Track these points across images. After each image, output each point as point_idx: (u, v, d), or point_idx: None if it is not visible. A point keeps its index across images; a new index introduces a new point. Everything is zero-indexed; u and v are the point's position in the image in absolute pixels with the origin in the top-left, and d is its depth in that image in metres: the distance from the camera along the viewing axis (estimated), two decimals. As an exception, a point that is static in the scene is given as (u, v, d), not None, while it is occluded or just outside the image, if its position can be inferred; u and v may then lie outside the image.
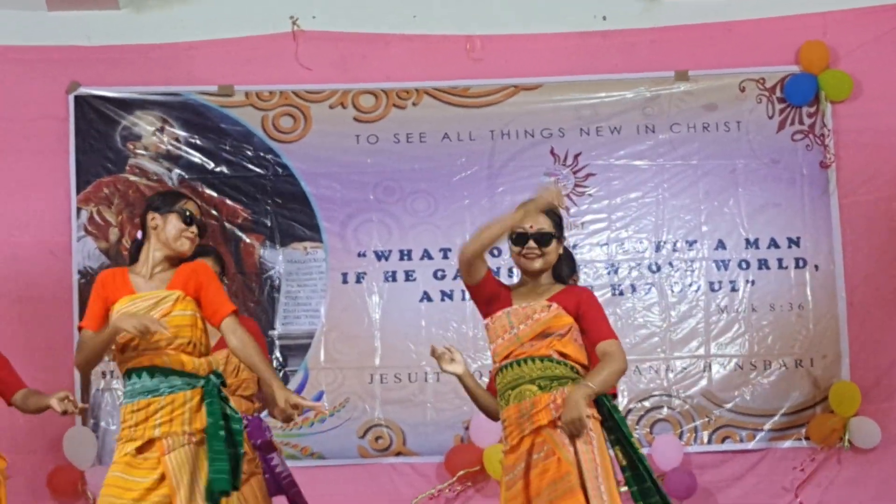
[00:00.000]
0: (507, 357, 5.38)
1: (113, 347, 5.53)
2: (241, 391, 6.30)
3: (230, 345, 5.48)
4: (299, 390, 8.04)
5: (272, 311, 8.21)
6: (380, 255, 8.27)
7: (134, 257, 5.61)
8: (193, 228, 5.57)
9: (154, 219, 5.51)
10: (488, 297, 5.50)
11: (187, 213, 5.48)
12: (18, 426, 7.73)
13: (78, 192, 8.25)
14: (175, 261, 5.57)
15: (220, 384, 5.52)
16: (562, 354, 5.34)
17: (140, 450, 5.45)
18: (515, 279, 5.71)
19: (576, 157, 8.27)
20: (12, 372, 6.36)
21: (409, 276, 8.24)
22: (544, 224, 5.44)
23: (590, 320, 5.45)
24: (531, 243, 5.45)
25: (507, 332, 5.48)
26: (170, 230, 5.52)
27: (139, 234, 5.59)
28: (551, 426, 5.28)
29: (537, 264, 5.46)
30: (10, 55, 8.29)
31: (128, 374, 5.49)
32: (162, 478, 5.39)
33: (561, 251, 5.57)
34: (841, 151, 8.25)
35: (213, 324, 5.54)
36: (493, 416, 5.65)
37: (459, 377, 5.66)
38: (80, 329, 5.54)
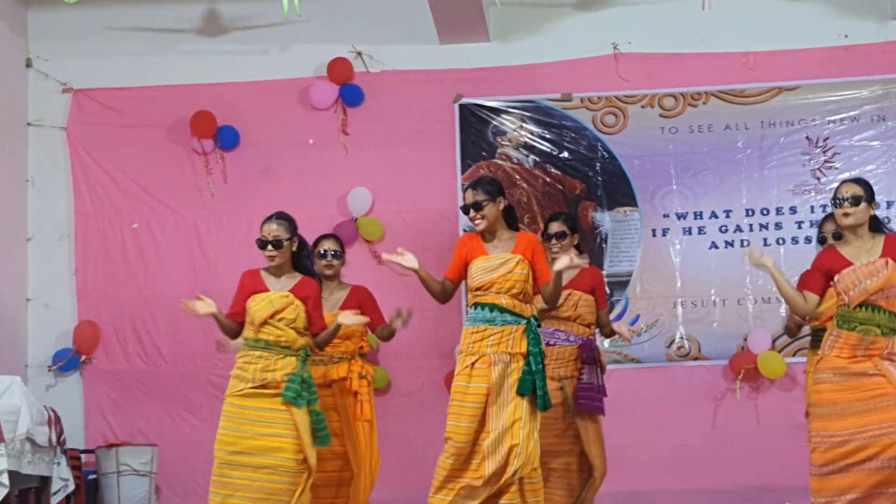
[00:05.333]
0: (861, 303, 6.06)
1: (472, 286, 6.51)
2: (580, 321, 7.37)
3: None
4: (622, 313, 9.12)
5: (602, 257, 9.24)
6: (679, 216, 9.23)
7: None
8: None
9: (501, 202, 6.57)
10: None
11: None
12: (413, 340, 8.96)
13: (462, 172, 9.35)
14: (510, 231, 6.62)
15: (537, 324, 6.57)
16: None
17: (474, 364, 6.44)
18: None
19: (825, 140, 9.13)
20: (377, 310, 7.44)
21: (700, 230, 9.23)
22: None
23: None
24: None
25: (855, 286, 6.04)
26: (494, 214, 6.54)
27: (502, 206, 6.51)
28: (881, 358, 6.04)
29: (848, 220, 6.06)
30: (409, 77, 9.48)
31: (474, 306, 6.58)
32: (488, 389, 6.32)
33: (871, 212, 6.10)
34: None
35: (541, 283, 6.57)
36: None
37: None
38: (444, 278, 6.68)
